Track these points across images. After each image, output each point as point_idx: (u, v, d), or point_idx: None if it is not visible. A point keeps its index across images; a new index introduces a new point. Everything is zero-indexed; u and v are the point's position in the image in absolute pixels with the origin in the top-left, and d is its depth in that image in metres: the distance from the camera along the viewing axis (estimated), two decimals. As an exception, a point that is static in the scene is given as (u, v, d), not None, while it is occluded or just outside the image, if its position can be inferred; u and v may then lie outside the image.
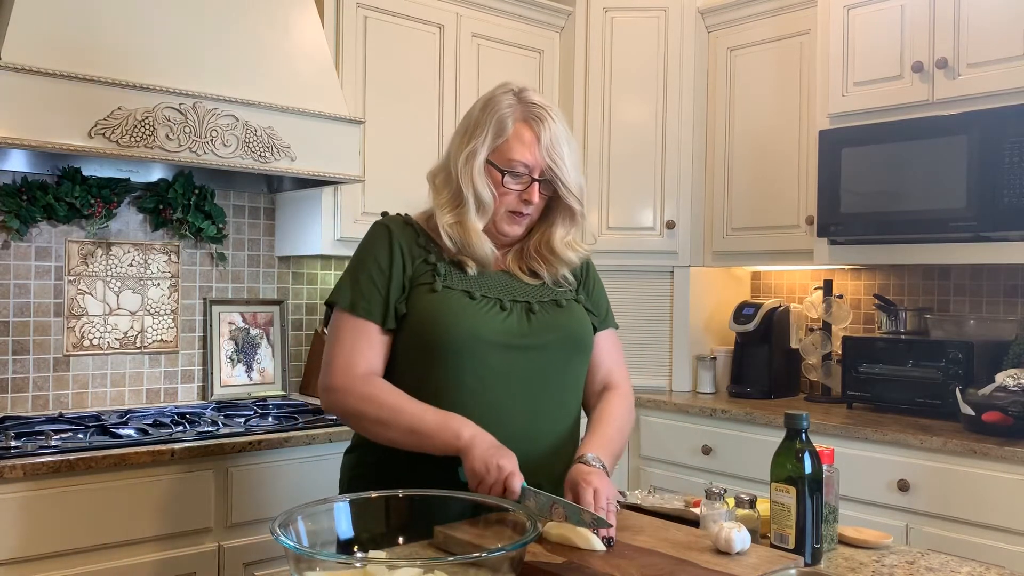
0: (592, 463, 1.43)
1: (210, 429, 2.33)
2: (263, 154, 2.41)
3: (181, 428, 2.33)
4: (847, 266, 3.20)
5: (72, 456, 2.00)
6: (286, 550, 1.04)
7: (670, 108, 3.37)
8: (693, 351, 3.41)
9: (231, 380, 2.90)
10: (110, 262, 2.69)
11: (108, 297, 2.68)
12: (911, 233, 2.63)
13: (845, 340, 2.94)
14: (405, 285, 1.53)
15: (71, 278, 2.62)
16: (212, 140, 2.31)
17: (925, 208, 2.58)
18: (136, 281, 2.74)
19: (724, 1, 3.31)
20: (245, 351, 2.94)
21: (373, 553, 1.17)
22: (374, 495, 1.29)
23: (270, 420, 2.51)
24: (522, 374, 1.51)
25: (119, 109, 2.16)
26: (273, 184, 2.85)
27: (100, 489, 2.05)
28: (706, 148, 3.42)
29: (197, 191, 2.80)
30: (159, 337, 2.78)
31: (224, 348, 2.90)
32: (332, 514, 1.23)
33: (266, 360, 2.99)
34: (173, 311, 2.81)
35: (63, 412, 2.54)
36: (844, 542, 1.43)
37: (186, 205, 2.77)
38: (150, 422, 2.39)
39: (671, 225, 3.36)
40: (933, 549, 1.59)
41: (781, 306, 3.27)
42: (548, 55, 3.43)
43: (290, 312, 3.09)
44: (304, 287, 3.13)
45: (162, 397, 2.79)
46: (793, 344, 3.26)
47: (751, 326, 3.21)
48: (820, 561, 1.31)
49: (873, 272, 3.22)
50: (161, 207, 2.75)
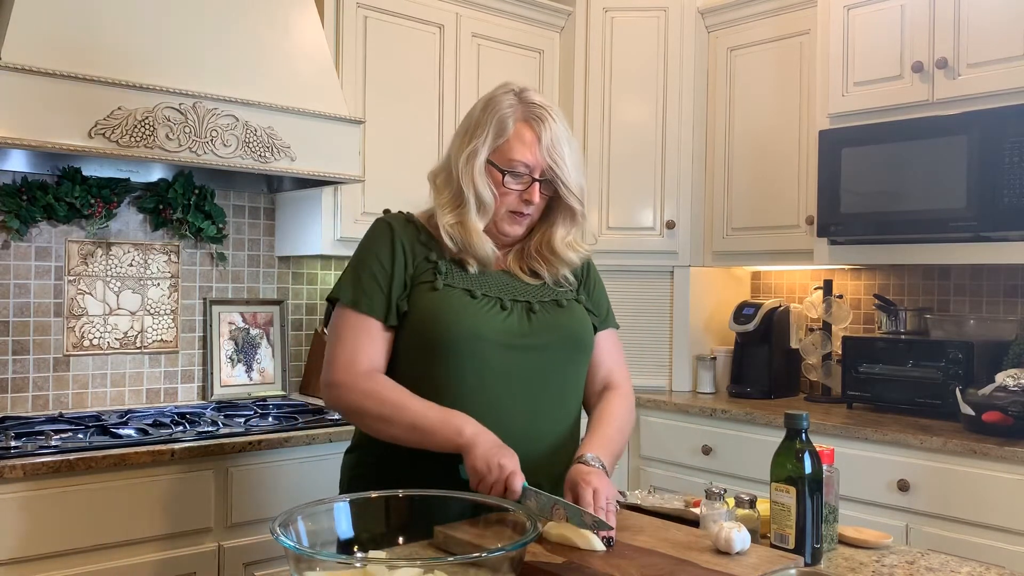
0: (592, 463, 1.42)
1: (210, 429, 2.33)
2: (263, 154, 2.41)
3: (181, 428, 2.33)
4: (847, 266, 3.20)
5: (72, 456, 2.00)
6: (286, 550, 1.04)
7: (670, 108, 3.37)
8: (693, 351, 3.41)
9: (231, 380, 2.90)
10: (110, 262, 2.69)
11: (108, 297, 2.68)
12: (911, 233, 2.63)
13: (845, 340, 2.94)
14: (407, 283, 1.53)
15: (71, 278, 2.62)
16: (212, 140, 2.31)
17: (925, 208, 2.58)
18: (136, 281, 2.74)
19: (724, 1, 3.31)
20: (245, 351, 2.95)
21: (373, 553, 1.17)
22: (374, 495, 1.29)
23: (270, 420, 2.51)
24: (522, 374, 1.51)
25: (119, 109, 2.16)
26: (273, 184, 2.85)
27: (100, 489, 2.05)
28: (706, 148, 3.42)
29: (197, 191, 2.80)
30: (159, 337, 2.78)
31: (224, 348, 2.90)
32: (332, 514, 1.23)
33: (266, 360, 2.99)
34: (173, 311, 2.81)
35: (63, 412, 2.54)
36: (844, 542, 1.43)
37: (186, 205, 2.77)
38: (150, 422, 2.39)
39: (671, 225, 3.36)
40: (933, 549, 1.59)
41: (781, 306, 3.27)
42: (548, 55, 3.43)
43: (290, 312, 3.09)
44: (304, 287, 3.13)
45: (162, 397, 2.79)
46: (793, 344, 3.26)
47: (751, 326, 3.21)
48: (820, 561, 1.31)
49: (873, 272, 3.22)
50: (161, 207, 2.75)
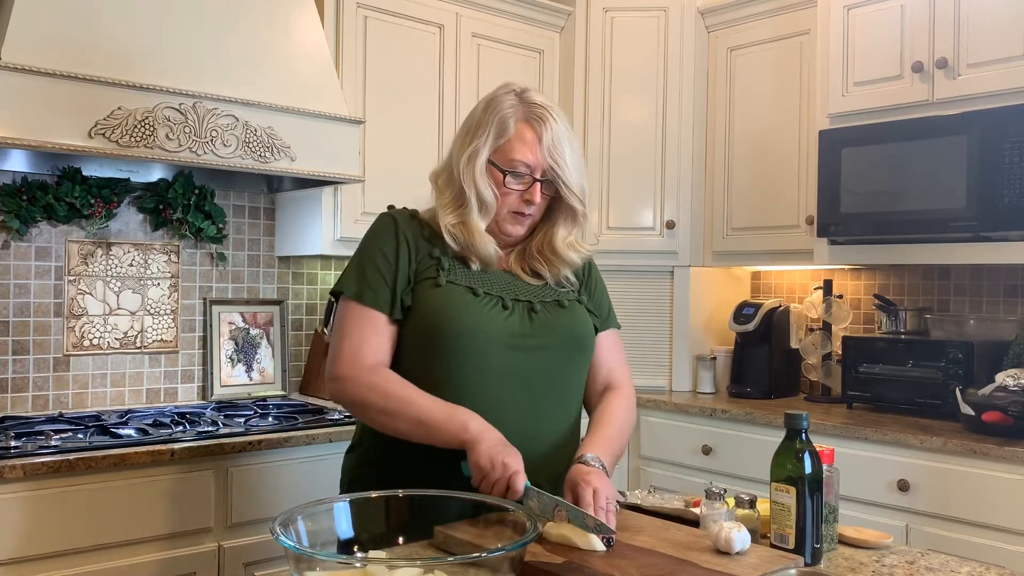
0: (592, 463, 1.42)
1: (210, 429, 2.33)
2: (263, 154, 2.41)
3: (181, 428, 2.33)
4: (847, 266, 3.19)
5: (72, 456, 2.00)
6: (286, 550, 1.04)
7: (670, 108, 3.37)
8: (693, 351, 3.41)
9: (231, 380, 2.90)
10: (110, 262, 2.69)
11: (108, 297, 2.68)
12: (911, 233, 2.63)
13: (845, 340, 2.94)
14: (410, 278, 1.53)
15: (71, 278, 2.62)
16: (212, 140, 2.31)
17: (925, 208, 2.58)
18: (136, 281, 2.74)
19: (724, 1, 3.31)
20: (245, 351, 2.94)
21: (373, 553, 1.17)
22: (374, 495, 1.29)
23: (270, 420, 2.51)
24: (523, 373, 1.51)
25: (119, 109, 2.16)
26: (273, 184, 2.85)
27: (100, 489, 2.05)
28: (706, 148, 3.42)
29: (197, 191, 2.80)
30: (159, 337, 2.78)
31: (224, 348, 2.90)
32: (332, 514, 1.23)
33: (266, 360, 2.99)
34: (173, 311, 2.81)
35: (63, 412, 2.54)
36: (844, 542, 1.43)
37: (186, 205, 2.77)
38: (150, 422, 2.39)
39: (671, 225, 3.36)
40: (933, 549, 1.59)
41: (781, 306, 3.27)
42: (548, 55, 3.43)
43: (290, 312, 3.09)
44: (304, 287, 3.13)
45: (162, 397, 2.79)
46: (793, 344, 3.26)
47: (751, 326, 3.21)
48: (820, 561, 1.31)
49: (873, 272, 3.22)
50: (161, 207, 2.75)
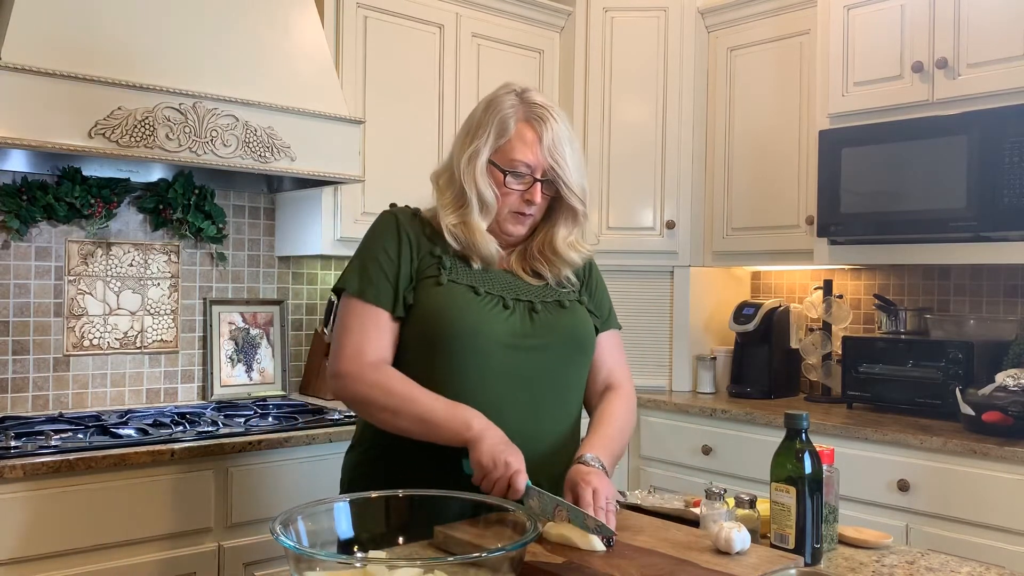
0: (591, 463, 1.42)
1: (210, 429, 2.33)
2: (263, 154, 2.41)
3: (181, 428, 2.33)
4: (847, 266, 3.19)
5: (72, 456, 2.00)
6: (286, 550, 1.04)
7: (670, 108, 3.37)
8: (693, 351, 3.41)
9: (231, 380, 2.90)
10: (110, 262, 2.69)
11: (108, 297, 2.68)
12: (911, 233, 2.63)
13: (845, 340, 2.94)
14: (412, 276, 1.53)
15: (71, 278, 2.62)
16: (212, 140, 2.31)
17: (925, 208, 2.58)
18: (136, 281, 2.74)
19: (724, 1, 3.31)
20: (245, 351, 2.94)
21: (373, 553, 1.17)
22: (374, 495, 1.29)
23: (270, 420, 2.51)
24: (524, 373, 1.51)
25: (119, 109, 2.16)
26: (273, 184, 2.85)
27: (100, 489, 2.05)
28: (706, 148, 3.42)
29: (197, 191, 2.79)
30: (159, 337, 2.78)
31: (224, 348, 2.90)
32: (332, 514, 1.23)
33: (266, 360, 2.99)
34: (173, 311, 2.81)
35: (63, 412, 2.54)
36: (844, 542, 1.43)
37: (186, 205, 2.77)
38: (150, 422, 2.39)
39: (671, 225, 3.36)
40: (933, 549, 1.59)
41: (781, 306, 3.27)
42: (548, 55, 3.43)
43: (290, 312, 3.09)
44: (304, 287, 3.13)
45: (162, 397, 2.79)
46: (793, 344, 3.26)
47: (751, 326, 3.21)
48: (820, 561, 1.31)
49: (873, 272, 3.22)
50: (161, 207, 2.75)
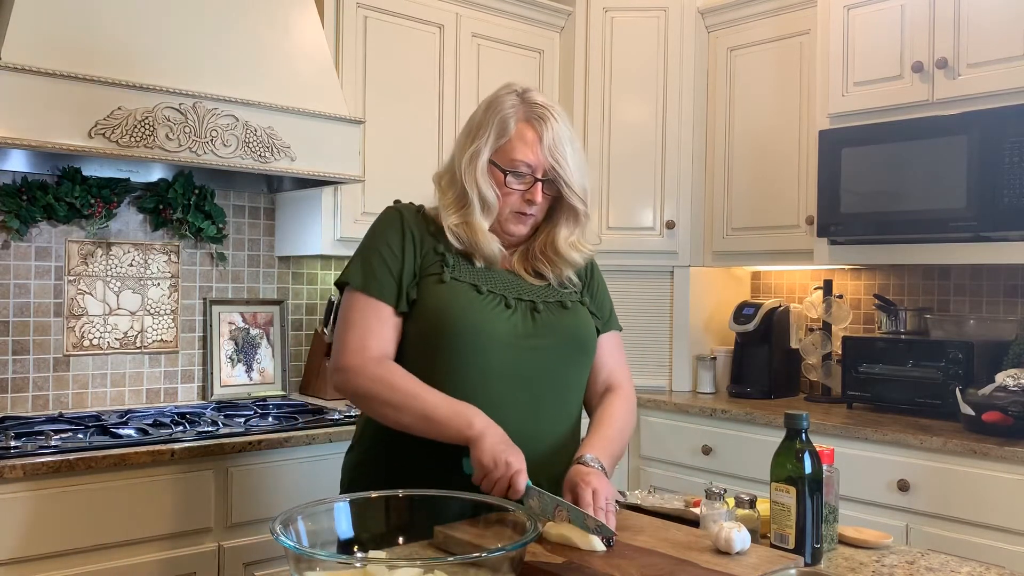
0: (591, 463, 1.42)
1: (210, 429, 2.33)
2: (263, 154, 2.41)
3: (181, 428, 2.33)
4: (847, 266, 3.19)
5: (72, 456, 2.00)
6: (286, 550, 1.04)
7: (670, 108, 3.37)
8: (693, 351, 3.40)
9: (231, 380, 2.90)
10: (110, 262, 2.69)
11: (108, 297, 2.68)
12: (911, 233, 2.63)
13: (845, 340, 2.94)
14: (415, 272, 1.53)
15: (71, 278, 2.62)
16: (212, 140, 2.31)
17: (925, 208, 2.58)
18: (136, 281, 2.74)
19: (724, 1, 3.31)
20: (245, 351, 2.94)
21: (373, 553, 1.17)
22: (374, 495, 1.29)
23: (270, 420, 2.51)
24: (525, 373, 1.51)
25: (119, 109, 2.16)
26: (273, 184, 2.85)
27: (100, 489, 2.04)
28: (706, 148, 3.42)
29: (197, 191, 2.79)
30: (159, 337, 2.78)
31: (224, 348, 2.90)
32: (332, 514, 1.23)
33: (266, 360, 2.99)
34: (173, 311, 2.81)
35: (63, 412, 2.54)
36: (844, 542, 1.43)
37: (186, 205, 2.77)
38: (150, 422, 2.39)
39: (671, 225, 3.36)
40: (933, 549, 1.59)
41: (781, 306, 3.27)
42: (548, 55, 3.43)
43: (290, 312, 3.09)
44: (304, 287, 3.13)
45: (162, 397, 2.79)
46: (793, 344, 3.26)
47: (751, 326, 3.21)
48: (820, 561, 1.31)
49: (873, 272, 3.22)
50: (161, 207, 2.75)
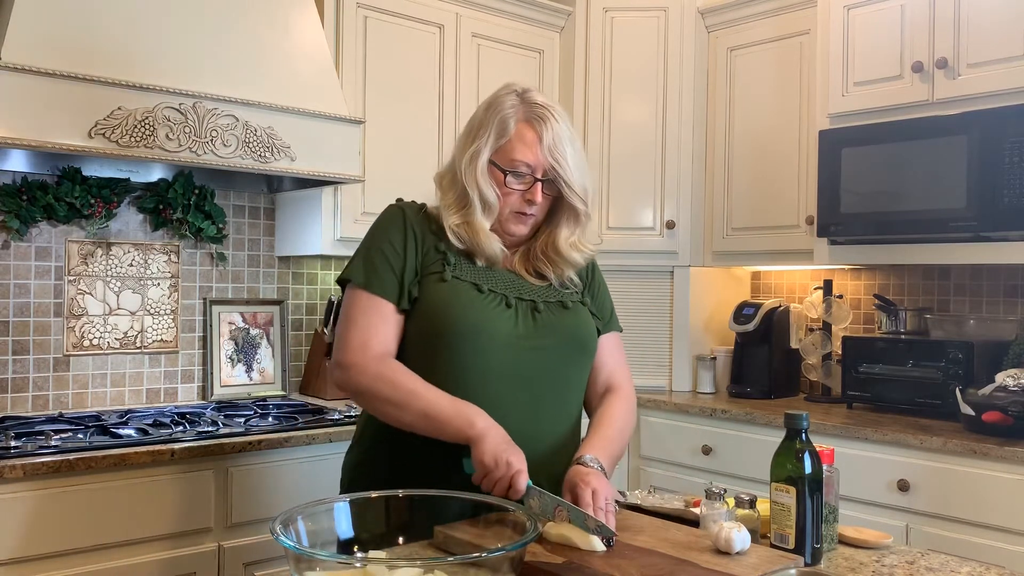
0: (590, 464, 1.42)
1: (210, 429, 2.33)
2: (263, 154, 2.41)
3: (181, 428, 2.33)
4: (847, 266, 3.19)
5: (72, 456, 2.00)
6: (286, 550, 1.04)
7: (670, 108, 3.37)
8: (693, 351, 3.40)
9: (231, 380, 2.90)
10: (110, 262, 2.69)
11: (108, 297, 2.68)
12: (911, 233, 2.63)
13: (845, 340, 2.94)
14: (417, 269, 1.53)
15: (71, 278, 2.62)
16: (212, 140, 2.31)
17: (925, 208, 2.58)
18: (136, 281, 2.74)
19: (724, 1, 3.31)
20: (245, 351, 2.94)
21: (373, 553, 1.17)
22: (374, 495, 1.29)
23: (270, 420, 2.51)
24: (525, 373, 1.51)
25: (119, 109, 2.16)
26: (273, 184, 2.85)
27: (100, 489, 2.05)
28: (706, 148, 3.42)
29: (197, 191, 2.79)
30: (159, 337, 2.78)
31: (224, 348, 2.90)
32: (332, 514, 1.23)
33: (266, 360, 2.99)
34: (173, 311, 2.81)
35: (63, 412, 2.54)
36: (844, 542, 1.43)
37: (186, 205, 2.77)
38: (150, 422, 2.39)
39: (671, 225, 3.36)
40: (933, 549, 1.59)
41: (781, 306, 3.27)
42: (548, 55, 3.43)
43: (290, 312, 3.09)
44: (304, 287, 3.13)
45: (162, 397, 2.79)
46: (793, 344, 3.26)
47: (751, 326, 3.21)
48: (820, 561, 1.31)
49: (873, 272, 3.22)
50: (161, 207, 2.75)
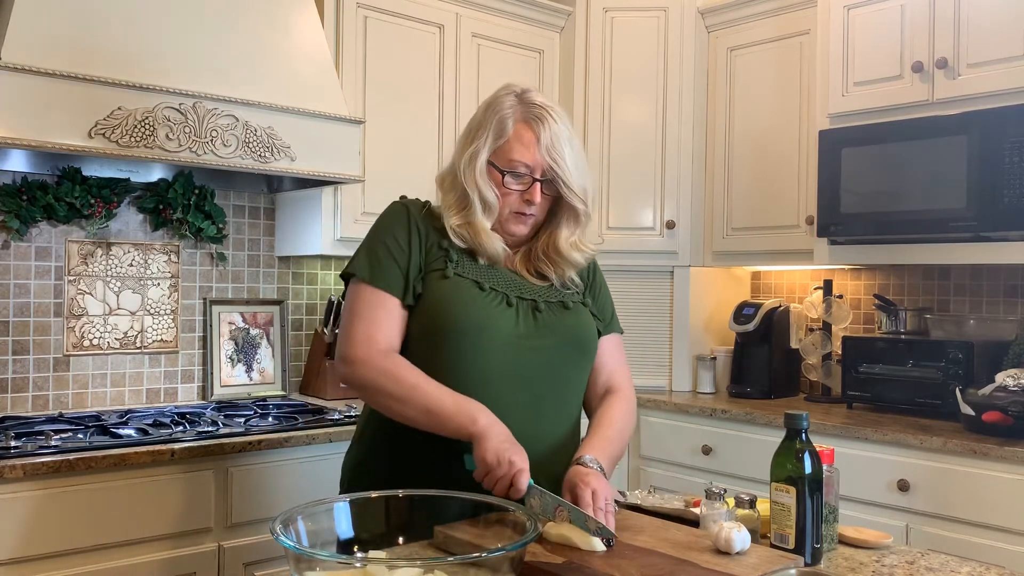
0: (590, 464, 1.42)
1: (210, 429, 2.33)
2: (263, 154, 2.41)
3: (181, 428, 2.33)
4: (847, 266, 3.19)
5: (72, 456, 2.00)
6: (286, 550, 1.04)
7: (670, 108, 3.37)
8: (693, 351, 3.40)
9: (231, 380, 2.90)
10: (110, 262, 2.69)
11: (108, 297, 2.68)
12: (911, 233, 2.63)
13: (845, 340, 2.94)
14: (421, 266, 1.53)
15: (71, 278, 2.62)
16: (212, 140, 2.31)
17: (925, 208, 2.58)
18: (136, 281, 2.74)
19: (724, 1, 3.31)
20: (245, 351, 2.94)
21: (373, 553, 1.17)
22: (374, 495, 1.29)
23: (270, 420, 2.51)
24: (525, 372, 1.51)
25: (119, 109, 2.16)
26: (273, 184, 2.85)
27: (100, 489, 2.05)
28: (706, 148, 3.42)
29: (197, 191, 2.79)
30: (159, 337, 2.78)
31: (224, 348, 2.90)
32: (332, 514, 1.23)
33: (266, 360, 2.99)
34: (173, 311, 2.81)
35: (63, 412, 2.54)
36: (844, 542, 1.43)
37: (186, 205, 2.77)
38: (150, 422, 2.39)
39: (671, 225, 3.36)
40: (933, 549, 1.59)
41: (781, 306, 3.27)
42: (548, 55, 3.43)
43: (290, 312, 3.09)
44: (304, 287, 3.13)
45: (162, 397, 2.79)
46: (793, 344, 3.26)
47: (751, 326, 3.21)
48: (820, 561, 1.31)
49: (873, 272, 3.22)
50: (161, 207, 2.75)
